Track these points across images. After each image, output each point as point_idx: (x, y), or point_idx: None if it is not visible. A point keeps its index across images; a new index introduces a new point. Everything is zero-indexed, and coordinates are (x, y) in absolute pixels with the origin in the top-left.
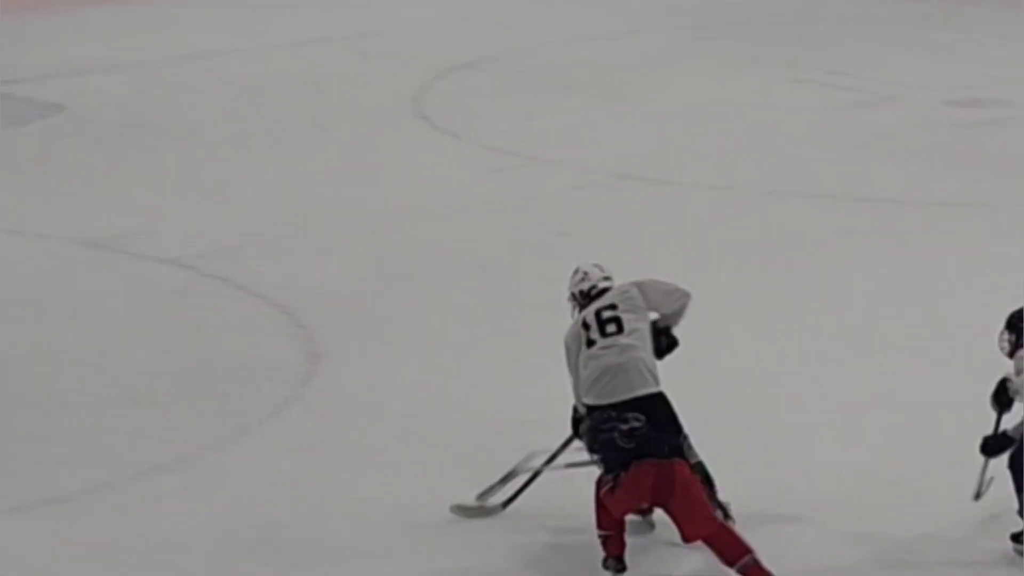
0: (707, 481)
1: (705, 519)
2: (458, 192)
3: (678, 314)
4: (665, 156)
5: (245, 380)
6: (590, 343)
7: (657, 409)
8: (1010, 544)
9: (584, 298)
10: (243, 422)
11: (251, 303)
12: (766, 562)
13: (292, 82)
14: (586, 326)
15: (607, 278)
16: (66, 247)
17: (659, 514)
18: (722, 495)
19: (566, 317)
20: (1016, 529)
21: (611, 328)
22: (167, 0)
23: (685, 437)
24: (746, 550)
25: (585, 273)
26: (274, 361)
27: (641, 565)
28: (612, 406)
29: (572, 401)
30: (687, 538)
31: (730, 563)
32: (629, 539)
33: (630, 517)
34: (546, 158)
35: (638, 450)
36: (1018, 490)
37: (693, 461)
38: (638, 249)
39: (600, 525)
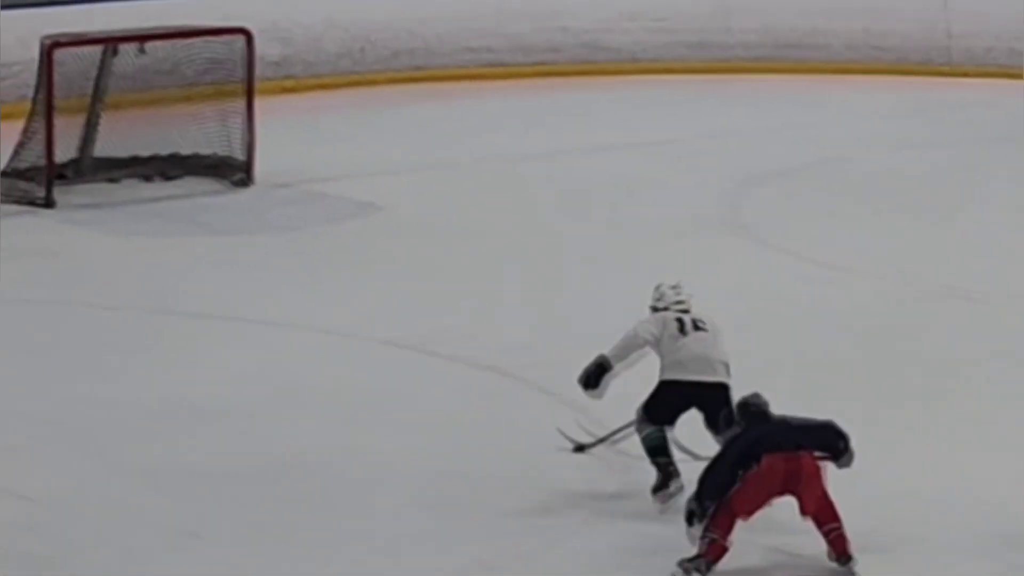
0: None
1: (819, 499)
2: (772, 302)
3: None
4: (982, 270)
5: (554, 488)
6: (683, 333)
7: (721, 397)
8: None
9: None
10: (554, 534)
11: (557, 409)
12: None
13: (605, 187)
14: (680, 323)
15: (680, 301)
16: (375, 347)
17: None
18: None
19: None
20: None
21: (699, 330)
22: (482, 102)
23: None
24: (837, 519)
25: (662, 294)
26: (581, 469)
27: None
28: (688, 383)
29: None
30: (804, 512)
31: (820, 525)
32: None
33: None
34: (862, 270)
35: (769, 444)
36: None
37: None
38: (959, 366)
39: (715, 524)
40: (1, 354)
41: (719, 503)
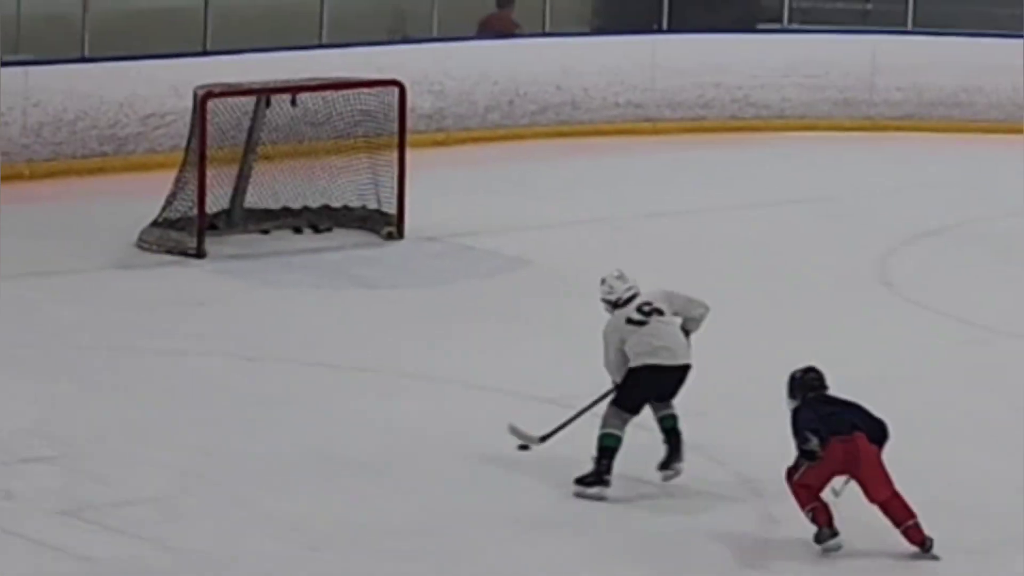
0: (677, 435)
1: (885, 485)
2: (921, 362)
3: (698, 321)
4: None
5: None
6: (642, 325)
7: (682, 378)
8: None
9: (611, 306)
10: None
11: (708, 467)
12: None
13: (754, 243)
14: (632, 321)
15: (630, 288)
16: (524, 402)
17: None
18: None
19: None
20: None
21: (655, 314)
22: (628, 157)
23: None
24: (911, 515)
25: (611, 286)
26: (731, 528)
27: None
28: (661, 368)
29: None
30: (872, 500)
31: (897, 524)
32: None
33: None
34: (1011, 331)
35: (827, 429)
36: None
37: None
38: None
39: (803, 504)
40: (147, 403)
41: (792, 486)
